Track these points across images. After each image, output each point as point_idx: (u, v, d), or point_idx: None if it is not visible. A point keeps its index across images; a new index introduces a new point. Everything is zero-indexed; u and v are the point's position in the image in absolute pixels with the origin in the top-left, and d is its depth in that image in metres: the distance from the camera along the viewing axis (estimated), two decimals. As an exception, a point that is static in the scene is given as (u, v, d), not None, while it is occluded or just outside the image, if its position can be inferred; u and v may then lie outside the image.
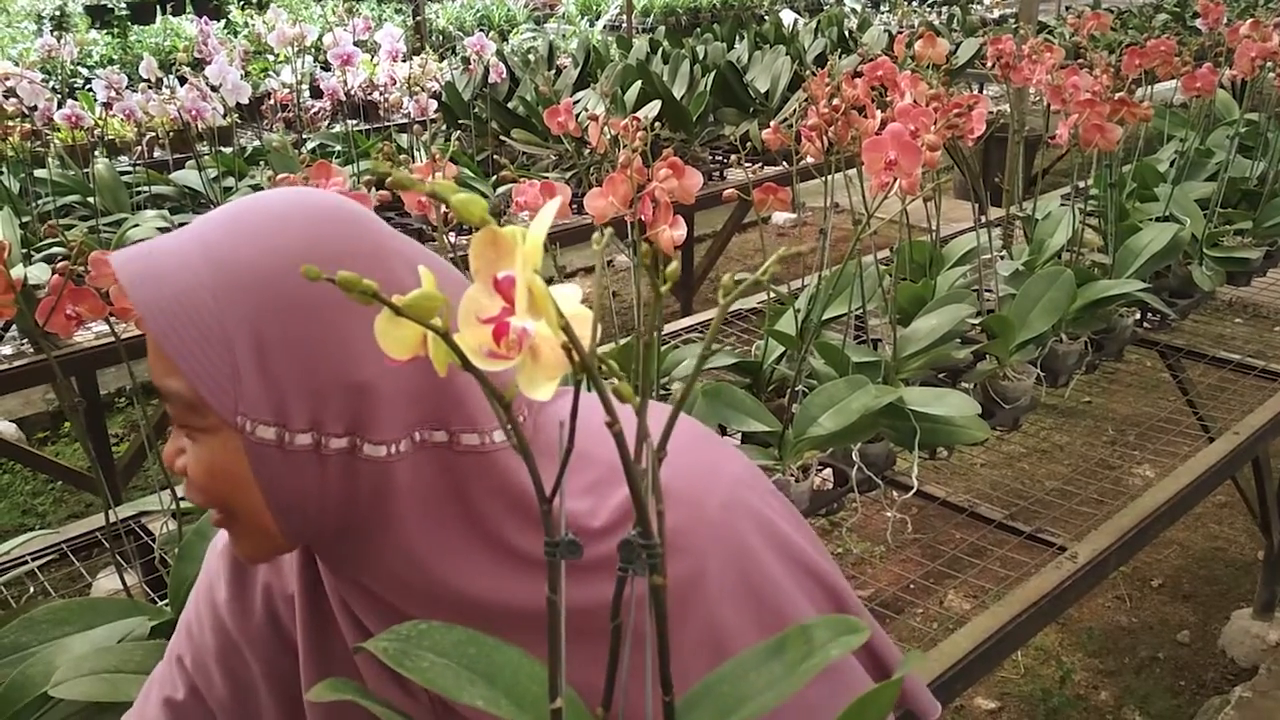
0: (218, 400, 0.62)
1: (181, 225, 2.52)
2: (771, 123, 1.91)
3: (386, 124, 4.06)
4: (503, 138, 3.66)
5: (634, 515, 0.48)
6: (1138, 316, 2.27)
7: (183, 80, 3.10)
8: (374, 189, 1.27)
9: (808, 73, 1.90)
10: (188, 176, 3.05)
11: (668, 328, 2.24)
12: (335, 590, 0.74)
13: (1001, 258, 2.26)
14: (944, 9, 6.57)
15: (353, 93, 3.57)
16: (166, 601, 1.26)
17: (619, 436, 0.44)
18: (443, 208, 1.31)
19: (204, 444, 0.64)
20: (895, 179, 1.38)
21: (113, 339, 1.26)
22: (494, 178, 3.15)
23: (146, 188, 2.97)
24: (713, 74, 3.88)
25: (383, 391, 0.63)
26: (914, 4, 7.21)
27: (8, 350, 2.34)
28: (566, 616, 0.65)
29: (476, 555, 0.68)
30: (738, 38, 4.68)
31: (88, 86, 3.73)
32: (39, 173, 2.81)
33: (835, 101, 1.66)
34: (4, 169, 2.68)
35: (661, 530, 0.48)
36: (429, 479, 0.66)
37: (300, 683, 0.78)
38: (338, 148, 3.46)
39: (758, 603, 0.72)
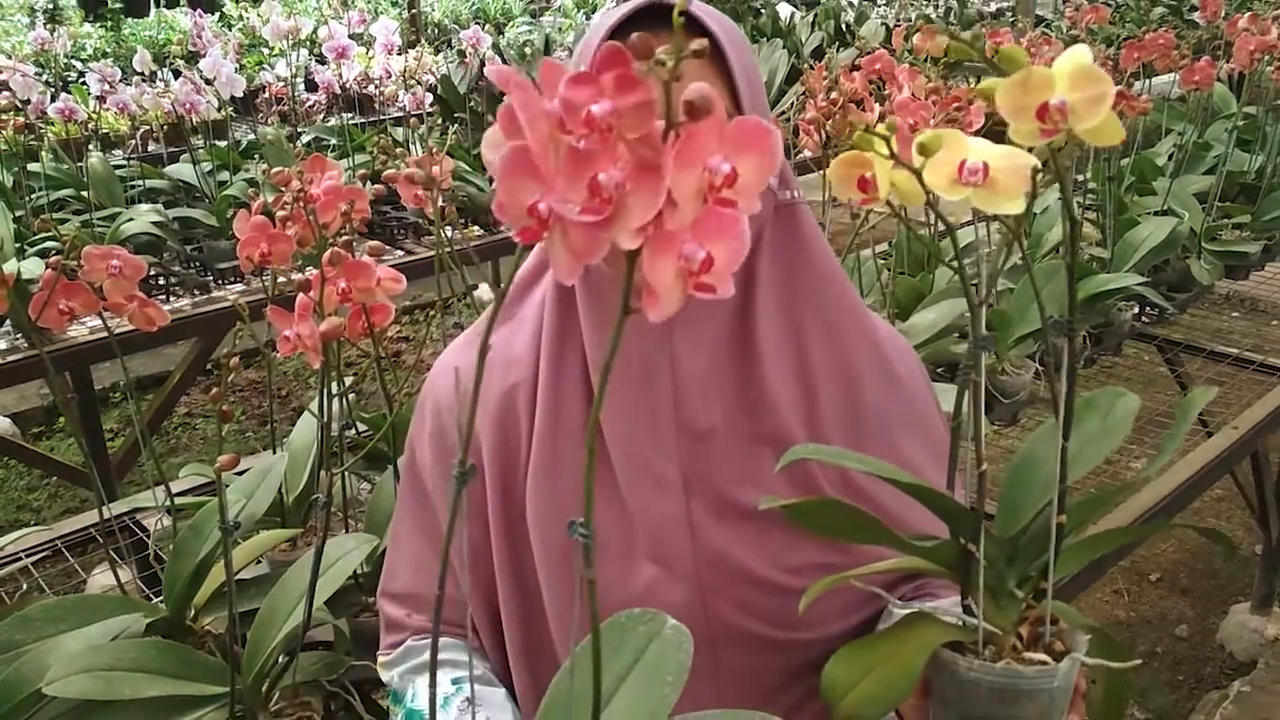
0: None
1: (176, 220, 2.49)
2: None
3: (382, 117, 4.04)
4: (499, 131, 3.65)
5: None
6: (1136, 310, 2.27)
7: (177, 73, 3.08)
8: (369, 182, 1.26)
9: (805, 66, 1.89)
10: (182, 170, 3.03)
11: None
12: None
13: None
14: (941, 2, 6.55)
15: (348, 86, 3.54)
16: (161, 598, 1.25)
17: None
18: (439, 200, 1.30)
19: None
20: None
21: (106, 334, 1.24)
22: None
23: (140, 181, 2.95)
24: (709, 67, 3.86)
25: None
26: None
27: (2, 345, 2.33)
28: None
29: (808, 275, 0.83)
30: (734, 31, 4.67)
31: (81, 80, 3.70)
32: (32, 167, 2.79)
33: (833, 95, 1.65)
34: (-3, 163, 2.67)
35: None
36: (787, 233, 0.82)
37: (516, 464, 0.88)
38: (333, 141, 3.44)
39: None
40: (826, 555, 0.83)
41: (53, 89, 3.43)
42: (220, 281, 2.74)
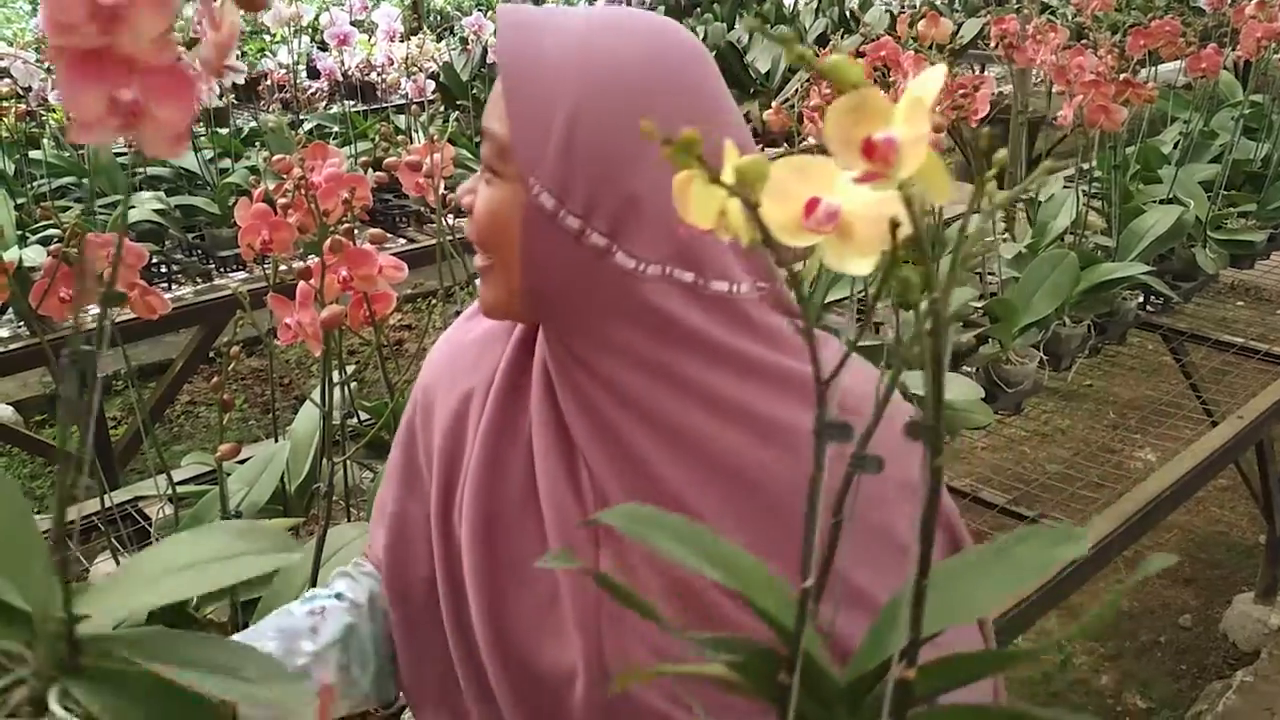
0: (523, 155, 0.69)
1: (178, 208, 2.49)
2: (774, 103, 1.89)
3: (384, 105, 4.03)
4: (501, 119, 3.63)
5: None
6: (1141, 300, 2.26)
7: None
8: (370, 170, 1.26)
9: (810, 53, 1.87)
10: (184, 157, 3.02)
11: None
12: (543, 380, 0.78)
13: (1004, 240, 2.25)
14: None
15: (350, 73, 3.54)
16: (163, 587, 1.25)
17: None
18: (441, 189, 1.30)
19: (496, 188, 0.72)
20: (899, 160, 1.37)
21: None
22: (493, 159, 3.12)
23: (142, 169, 2.94)
24: (713, 54, 3.85)
25: (649, 210, 0.69)
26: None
27: (4, 333, 2.32)
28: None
29: (717, 370, 0.72)
30: (738, 17, 4.65)
31: (83, 67, 3.68)
32: (34, 154, 2.78)
33: (838, 82, 1.64)
34: (-2, 150, 2.66)
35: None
36: (674, 310, 0.71)
37: (456, 480, 0.84)
38: (335, 129, 3.43)
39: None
40: None
41: (54, 76, 3.42)
42: (222, 269, 2.73)
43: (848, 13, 4.87)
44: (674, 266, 0.70)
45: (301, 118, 3.54)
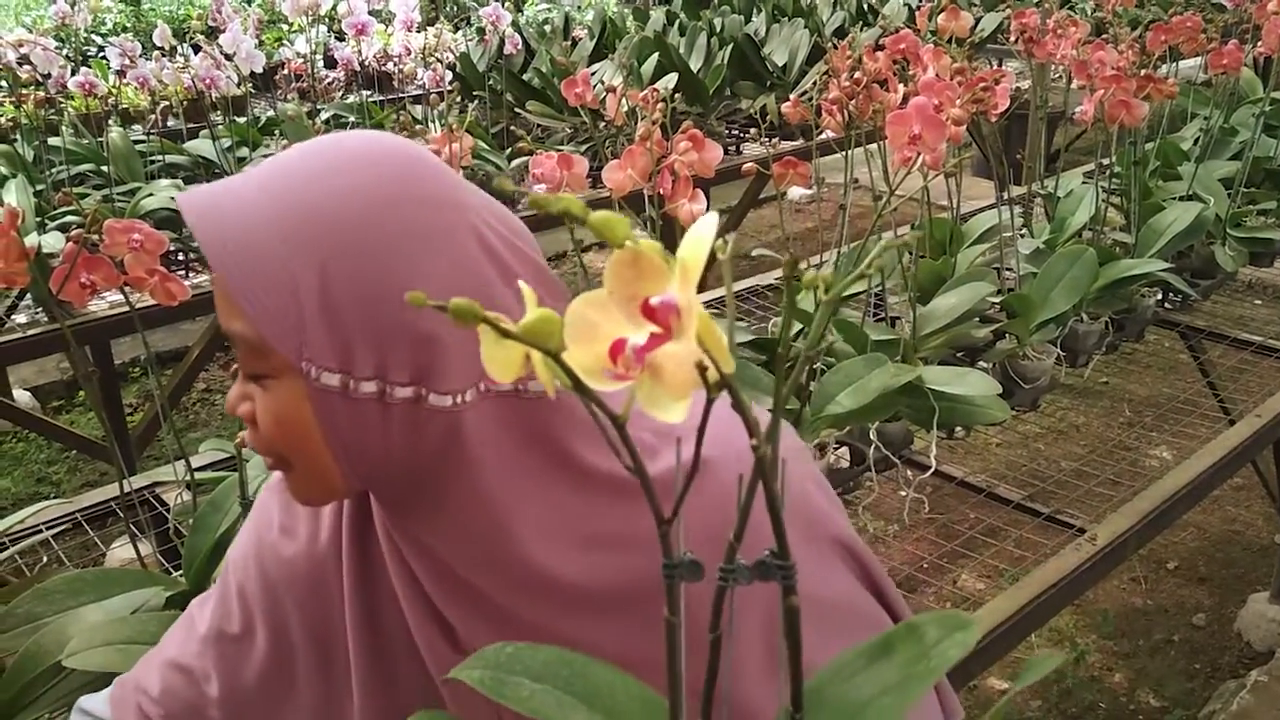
0: (282, 344, 0.61)
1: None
2: (791, 96, 1.89)
3: (401, 95, 4.02)
4: (518, 110, 3.64)
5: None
6: (1159, 297, 2.25)
7: (197, 49, 3.08)
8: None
9: (829, 45, 1.87)
10: (201, 146, 3.03)
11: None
12: (390, 545, 0.73)
13: (1022, 235, 2.24)
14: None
15: (367, 63, 3.54)
16: (181, 572, 1.26)
17: (762, 460, 0.43)
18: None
19: (271, 390, 0.64)
20: (919, 154, 1.36)
21: (127, 308, 1.25)
22: (509, 150, 3.13)
23: (160, 157, 2.95)
24: (730, 46, 3.84)
25: (449, 341, 0.62)
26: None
27: (22, 319, 2.34)
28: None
29: (555, 487, 0.67)
30: (755, 10, 4.63)
31: (101, 54, 3.71)
32: (53, 141, 2.79)
33: (857, 75, 1.63)
34: (18, 137, 2.67)
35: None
36: (499, 425, 0.65)
37: (335, 637, 0.78)
38: (352, 119, 3.43)
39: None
40: None
41: (73, 63, 3.44)
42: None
43: (866, 5, 4.84)
44: (488, 381, 0.64)
45: (319, 107, 3.54)
